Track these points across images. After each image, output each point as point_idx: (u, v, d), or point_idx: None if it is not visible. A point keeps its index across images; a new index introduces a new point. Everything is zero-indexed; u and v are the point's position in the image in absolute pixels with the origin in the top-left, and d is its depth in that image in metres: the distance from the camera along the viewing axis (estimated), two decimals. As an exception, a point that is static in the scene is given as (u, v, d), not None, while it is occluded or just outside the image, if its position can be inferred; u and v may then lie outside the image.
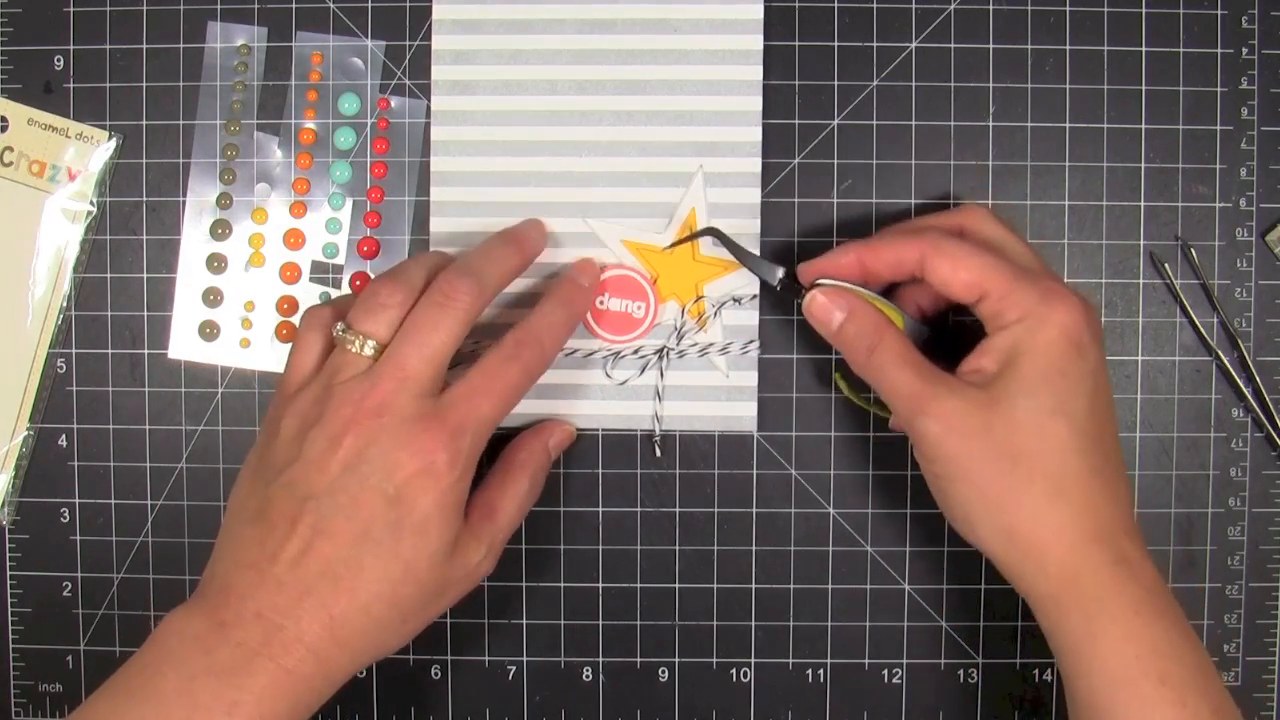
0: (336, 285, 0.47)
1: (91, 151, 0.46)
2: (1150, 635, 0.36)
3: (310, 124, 0.46)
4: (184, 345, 0.47)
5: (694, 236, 0.45)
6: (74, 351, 0.47)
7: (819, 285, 0.41)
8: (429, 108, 0.46)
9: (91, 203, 0.47)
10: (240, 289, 0.47)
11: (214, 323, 0.47)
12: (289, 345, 0.45)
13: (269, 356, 0.47)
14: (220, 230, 0.46)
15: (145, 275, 0.47)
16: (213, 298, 0.47)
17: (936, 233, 0.40)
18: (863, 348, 0.39)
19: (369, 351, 0.38)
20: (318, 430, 0.37)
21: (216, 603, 0.36)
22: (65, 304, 0.47)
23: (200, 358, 0.47)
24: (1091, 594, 0.36)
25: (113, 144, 0.46)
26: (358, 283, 0.47)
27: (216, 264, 0.46)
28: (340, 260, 0.47)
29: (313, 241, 0.47)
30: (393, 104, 0.46)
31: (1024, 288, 0.38)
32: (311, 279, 0.47)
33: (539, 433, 0.44)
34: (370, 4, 0.46)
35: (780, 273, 0.42)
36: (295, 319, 0.47)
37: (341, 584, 0.36)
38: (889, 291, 0.43)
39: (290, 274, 0.47)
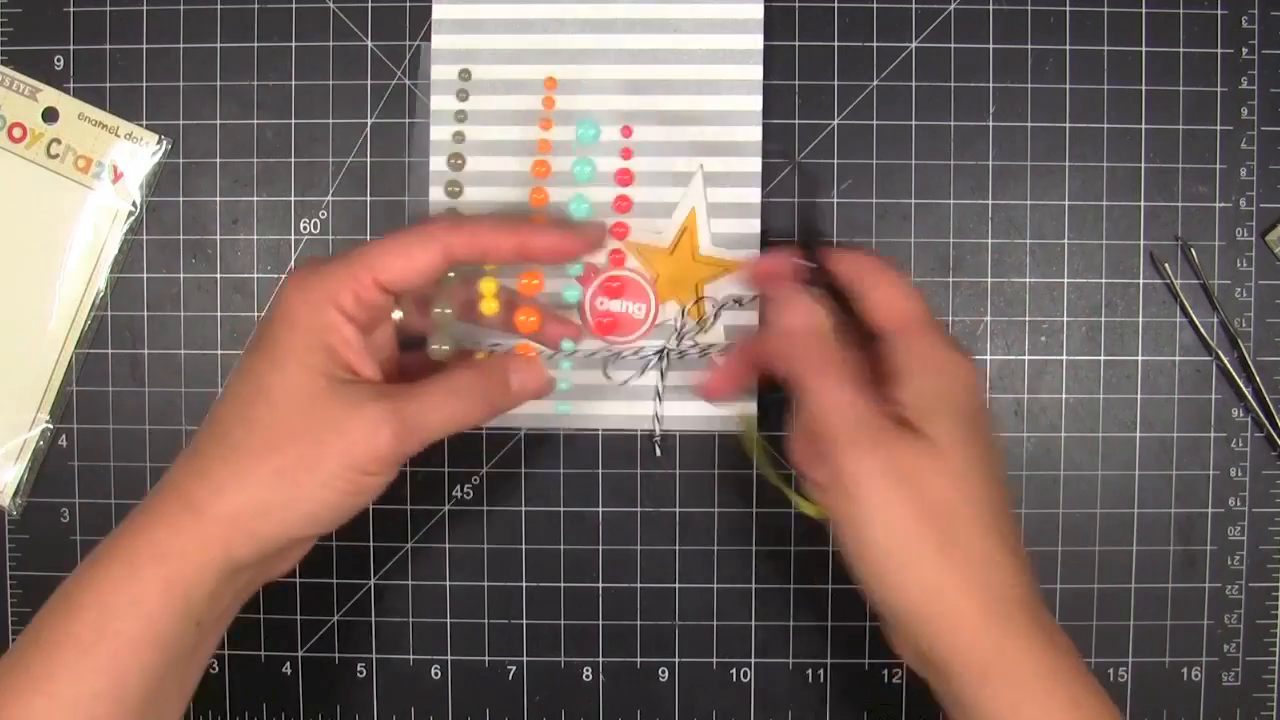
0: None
1: (138, 152, 0.46)
2: (1073, 701, 0.34)
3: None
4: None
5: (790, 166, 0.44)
6: (74, 351, 0.47)
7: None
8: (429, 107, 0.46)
9: (134, 203, 0.47)
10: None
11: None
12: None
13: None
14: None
15: (145, 276, 0.47)
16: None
17: (885, 259, 0.40)
18: (814, 354, 0.37)
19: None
20: None
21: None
22: (96, 303, 0.47)
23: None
24: (1015, 660, 0.34)
25: (162, 148, 0.46)
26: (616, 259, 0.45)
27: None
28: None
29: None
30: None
31: (939, 335, 0.38)
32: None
33: (504, 360, 0.40)
34: (370, 4, 0.46)
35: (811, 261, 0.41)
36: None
37: (212, 425, 0.36)
38: None
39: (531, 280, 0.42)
